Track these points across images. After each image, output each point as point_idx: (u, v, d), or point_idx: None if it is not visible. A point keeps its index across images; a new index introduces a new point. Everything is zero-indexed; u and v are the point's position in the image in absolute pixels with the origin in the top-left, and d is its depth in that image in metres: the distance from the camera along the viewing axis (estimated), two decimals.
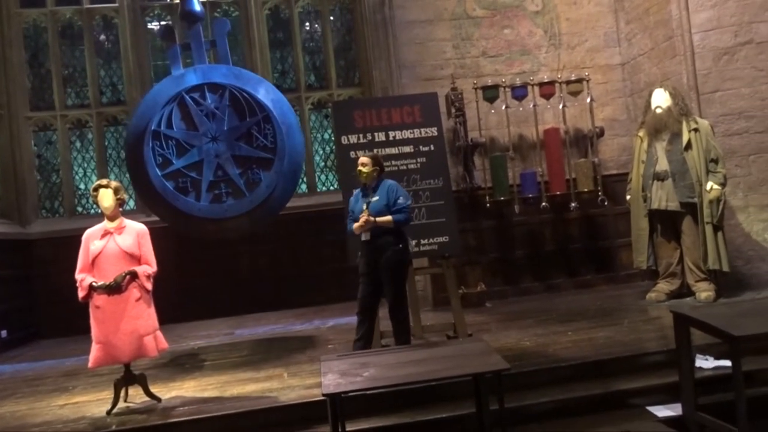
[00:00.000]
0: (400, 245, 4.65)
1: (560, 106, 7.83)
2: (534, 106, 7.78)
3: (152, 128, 5.73)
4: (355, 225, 4.63)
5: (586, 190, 7.74)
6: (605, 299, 6.99)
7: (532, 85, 7.80)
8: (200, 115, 5.86)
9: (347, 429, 3.36)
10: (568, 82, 7.82)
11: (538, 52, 8.16)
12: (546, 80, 7.79)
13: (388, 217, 4.58)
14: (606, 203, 7.74)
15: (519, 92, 7.75)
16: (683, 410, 3.73)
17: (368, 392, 3.50)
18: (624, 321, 5.70)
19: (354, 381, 3.13)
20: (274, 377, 4.88)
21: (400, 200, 4.65)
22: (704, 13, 6.84)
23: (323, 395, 3.06)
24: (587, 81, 7.84)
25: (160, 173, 5.66)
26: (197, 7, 6.33)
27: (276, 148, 5.88)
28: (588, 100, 7.87)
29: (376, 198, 4.66)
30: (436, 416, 3.99)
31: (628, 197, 6.88)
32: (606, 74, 8.24)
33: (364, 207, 4.61)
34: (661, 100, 6.44)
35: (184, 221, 5.92)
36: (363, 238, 4.64)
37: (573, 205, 7.73)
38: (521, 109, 7.83)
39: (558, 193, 7.74)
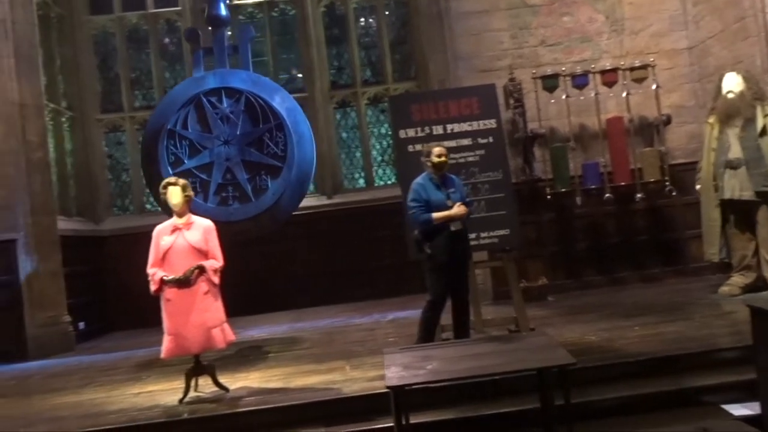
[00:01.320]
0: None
1: (624, 94, 7.58)
2: (596, 94, 7.56)
3: (168, 127, 5.92)
4: (441, 214, 4.51)
5: (652, 180, 7.48)
6: (674, 293, 6.74)
7: (594, 73, 7.58)
8: (215, 118, 6.01)
9: (410, 421, 3.38)
10: (632, 69, 7.56)
11: (600, 38, 7.92)
12: (608, 67, 7.56)
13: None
14: (674, 193, 7.45)
15: (580, 81, 7.55)
16: (762, 409, 3.55)
17: (431, 385, 3.51)
18: (695, 316, 5.49)
19: (417, 374, 3.15)
20: (337, 369, 4.95)
21: (469, 195, 4.81)
22: None
23: (387, 388, 3.09)
24: (652, 67, 7.56)
25: (171, 171, 5.82)
26: (223, 12, 6.46)
27: (286, 157, 5.98)
28: (653, 86, 7.59)
29: (452, 190, 4.68)
30: (499, 410, 3.95)
31: (698, 187, 6.60)
32: (672, 59, 7.92)
33: (446, 198, 4.59)
34: (732, 84, 6.14)
35: None
36: (454, 227, 4.55)
37: (638, 196, 7.48)
38: (582, 98, 7.62)
39: (622, 183, 7.50)
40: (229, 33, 6.95)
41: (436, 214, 4.54)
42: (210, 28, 6.63)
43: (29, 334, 7.15)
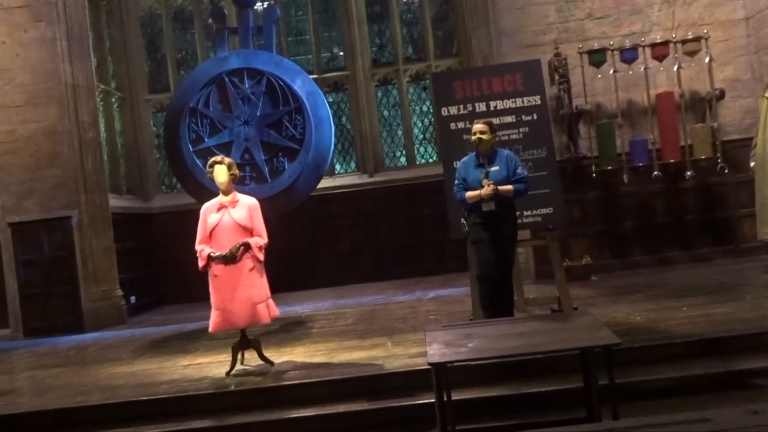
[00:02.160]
0: (516, 218, 4.64)
1: (675, 68, 7.32)
2: (645, 69, 7.32)
3: (190, 105, 5.98)
4: (473, 193, 4.43)
5: (703, 157, 7.24)
6: (724, 273, 6.55)
7: (643, 47, 7.33)
8: (236, 98, 6.06)
9: (452, 398, 3.41)
10: (684, 42, 7.28)
11: (650, 10, 7.63)
12: (659, 40, 7.30)
13: (510, 187, 4.45)
14: (726, 171, 7.21)
15: (629, 55, 7.32)
16: None
17: (472, 363, 3.52)
18: (746, 297, 5.33)
19: (459, 351, 3.16)
20: (379, 346, 5.02)
21: (519, 170, 4.53)
22: None
23: (429, 364, 3.12)
24: (706, 39, 7.26)
25: (192, 149, 5.90)
26: None
27: (304, 140, 5.98)
28: (707, 59, 7.30)
29: (495, 168, 4.48)
30: (542, 389, 3.95)
31: (752, 164, 6.37)
32: (727, 30, 7.59)
33: (483, 176, 4.44)
34: None
35: (208, 198, 6.17)
36: (485, 208, 4.44)
37: (688, 173, 7.25)
38: (630, 72, 7.39)
39: (671, 161, 7.29)
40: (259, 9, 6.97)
41: (468, 194, 4.50)
42: (236, 8, 6.68)
43: (85, 307, 7.47)
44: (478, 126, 4.58)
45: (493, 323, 3.91)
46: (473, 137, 4.57)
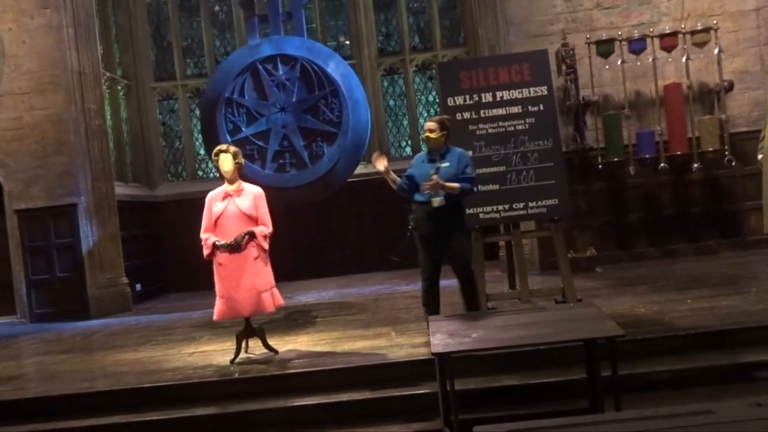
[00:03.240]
0: (463, 215, 4.65)
1: (683, 59, 7.26)
2: (653, 60, 7.26)
3: (226, 95, 5.97)
4: (423, 185, 4.43)
5: (710, 149, 7.20)
6: (730, 266, 6.53)
7: (652, 37, 7.27)
8: (271, 86, 6.03)
9: (455, 388, 3.42)
10: (693, 32, 7.22)
11: (659, 0, 7.56)
12: (668, 31, 7.24)
13: (455, 184, 4.44)
14: (734, 163, 7.16)
15: (637, 45, 7.26)
16: None
17: (475, 353, 3.53)
18: (751, 290, 5.31)
19: (462, 342, 3.17)
20: (383, 335, 5.03)
21: (468, 169, 4.53)
22: None
23: (432, 354, 3.13)
24: (715, 30, 7.19)
25: (230, 139, 5.90)
26: None
27: (341, 123, 5.96)
28: (716, 51, 7.23)
29: (446, 164, 4.50)
30: (545, 380, 3.96)
31: (759, 156, 6.28)
32: (737, 21, 7.51)
33: (432, 172, 4.44)
34: None
35: None
36: (435, 204, 4.45)
37: (695, 165, 7.21)
38: (639, 63, 7.34)
39: (678, 153, 7.25)
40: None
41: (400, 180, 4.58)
42: None
43: (90, 294, 7.52)
44: (429, 124, 4.61)
45: (497, 314, 3.91)
46: (424, 134, 4.62)
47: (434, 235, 4.52)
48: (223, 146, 4.71)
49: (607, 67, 7.38)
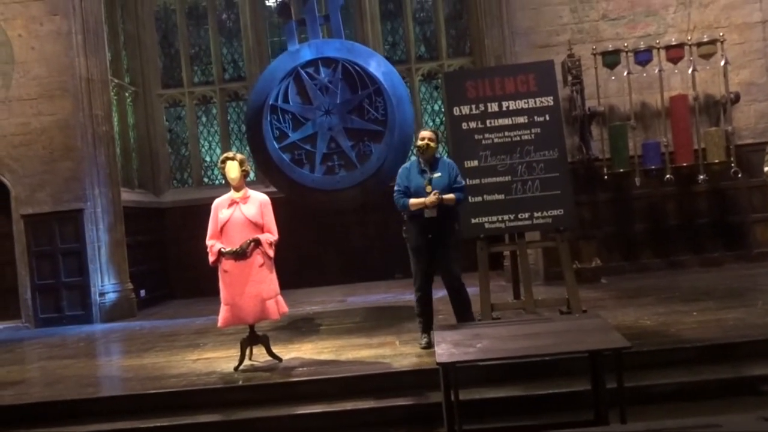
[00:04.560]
0: (458, 223, 4.72)
1: (689, 71, 7.27)
2: (659, 71, 7.27)
3: (270, 103, 5.99)
4: (417, 201, 4.53)
5: (716, 161, 7.19)
6: (736, 278, 6.51)
7: (658, 49, 7.29)
8: (314, 89, 6.03)
9: (459, 398, 3.41)
10: (699, 44, 7.23)
11: (665, 12, 7.58)
12: (674, 43, 7.25)
13: (452, 195, 4.55)
14: (740, 175, 7.15)
15: (643, 57, 7.27)
16: None
17: (480, 363, 3.52)
18: (757, 302, 5.28)
19: (467, 352, 3.16)
20: (387, 344, 5.02)
21: (459, 178, 4.65)
22: None
23: (437, 364, 3.12)
24: (721, 42, 7.20)
25: (277, 146, 5.91)
26: None
27: (386, 121, 5.95)
28: (722, 63, 7.24)
29: (438, 174, 4.60)
30: (549, 391, 3.94)
31: (765, 169, 6.28)
32: (743, 33, 7.52)
33: (426, 183, 4.55)
34: None
35: (299, 192, 6.18)
36: (427, 215, 4.54)
37: (701, 177, 7.21)
38: (645, 74, 7.35)
39: (684, 164, 7.24)
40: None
41: (411, 201, 4.58)
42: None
43: (95, 299, 7.55)
44: (426, 133, 4.69)
45: (503, 324, 3.90)
46: (421, 143, 4.66)
47: (427, 246, 4.61)
48: (230, 153, 4.73)
49: (613, 78, 7.40)
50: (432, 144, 4.65)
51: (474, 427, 3.59)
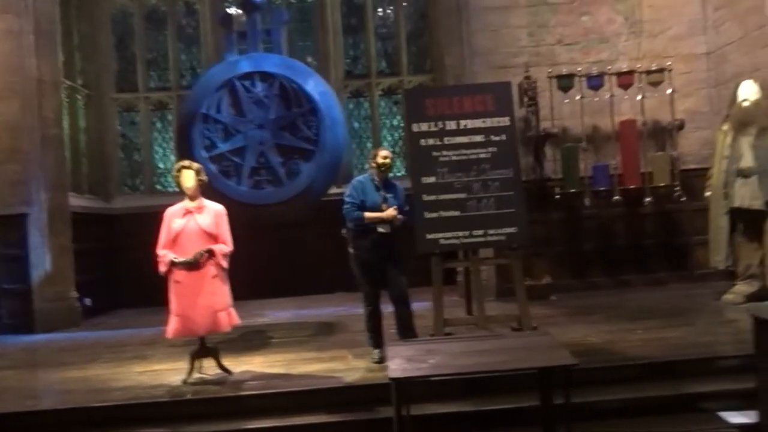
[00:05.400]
0: (401, 243, 4.88)
1: (638, 97, 7.56)
2: (610, 96, 7.54)
3: (202, 111, 5.95)
4: (373, 214, 4.67)
5: (662, 184, 7.47)
6: (678, 298, 6.75)
7: (609, 75, 7.55)
8: (249, 102, 6.04)
9: (411, 413, 3.43)
10: (648, 72, 7.52)
11: (617, 40, 7.87)
12: (624, 69, 7.53)
13: (401, 216, 4.78)
14: (683, 199, 7.44)
15: (595, 82, 7.52)
16: (760, 418, 3.59)
17: (431, 378, 3.55)
18: (698, 322, 5.51)
19: (420, 367, 3.19)
20: (339, 358, 5.01)
21: (404, 200, 4.88)
22: None
23: (390, 379, 3.13)
24: (669, 71, 7.52)
25: (205, 155, 5.87)
26: None
27: (319, 141, 6.00)
28: (669, 91, 7.56)
29: (391, 195, 4.81)
30: (499, 407, 4.00)
31: (707, 193, 6.60)
32: (689, 64, 7.87)
33: (382, 201, 4.72)
34: (749, 92, 6.12)
35: (224, 204, 6.14)
36: (381, 230, 4.69)
37: (647, 199, 7.48)
38: (597, 99, 7.60)
39: (632, 186, 7.50)
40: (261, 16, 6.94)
41: (367, 214, 4.70)
42: (243, 12, 6.65)
43: (37, 307, 7.25)
44: (385, 152, 4.89)
45: (455, 340, 3.95)
46: (382, 160, 4.82)
47: (378, 261, 4.70)
48: (186, 162, 4.66)
49: (566, 101, 7.62)
50: (389, 162, 4.86)
51: None
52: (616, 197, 7.47)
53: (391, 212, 4.68)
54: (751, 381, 3.67)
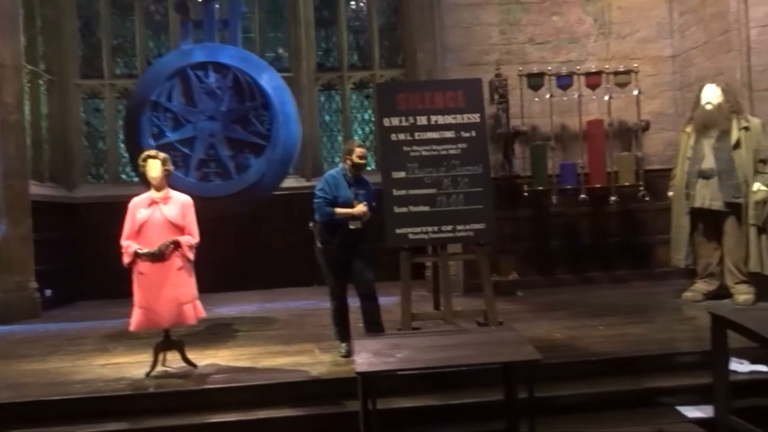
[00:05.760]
0: (369, 237, 4.92)
1: (606, 98, 7.69)
2: (579, 96, 7.64)
3: (152, 98, 5.85)
4: (345, 210, 4.70)
5: (627, 184, 7.62)
6: (640, 296, 6.91)
7: (578, 75, 7.66)
8: (201, 93, 5.96)
9: (377, 407, 3.43)
10: (616, 73, 7.65)
11: (587, 40, 7.99)
12: (593, 70, 7.64)
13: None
14: (647, 198, 7.60)
15: (564, 81, 7.62)
16: (715, 413, 3.69)
17: (398, 373, 3.56)
18: (658, 319, 5.63)
19: (387, 361, 3.20)
20: (306, 352, 4.99)
21: (371, 198, 4.92)
22: (764, 7, 6.60)
23: (356, 373, 3.13)
24: (636, 72, 7.66)
25: (152, 143, 5.77)
26: None
27: (270, 136, 5.96)
28: (635, 92, 7.70)
29: (362, 191, 4.86)
30: (464, 401, 4.04)
31: (670, 194, 6.74)
32: (656, 66, 8.03)
33: (354, 197, 4.77)
34: (711, 95, 6.26)
35: None
36: (352, 226, 4.74)
37: (612, 198, 7.62)
38: (565, 98, 7.70)
39: (598, 185, 7.63)
40: (218, 6, 6.83)
41: (338, 210, 4.72)
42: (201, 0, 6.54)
43: None
44: (362, 150, 4.91)
45: (422, 334, 3.97)
46: (358, 160, 4.85)
47: (346, 256, 4.72)
48: (152, 152, 4.58)
49: (536, 99, 7.70)
50: (364, 161, 4.89)
51: None
52: (583, 196, 7.59)
53: (361, 209, 4.72)
54: (707, 376, 3.78)
